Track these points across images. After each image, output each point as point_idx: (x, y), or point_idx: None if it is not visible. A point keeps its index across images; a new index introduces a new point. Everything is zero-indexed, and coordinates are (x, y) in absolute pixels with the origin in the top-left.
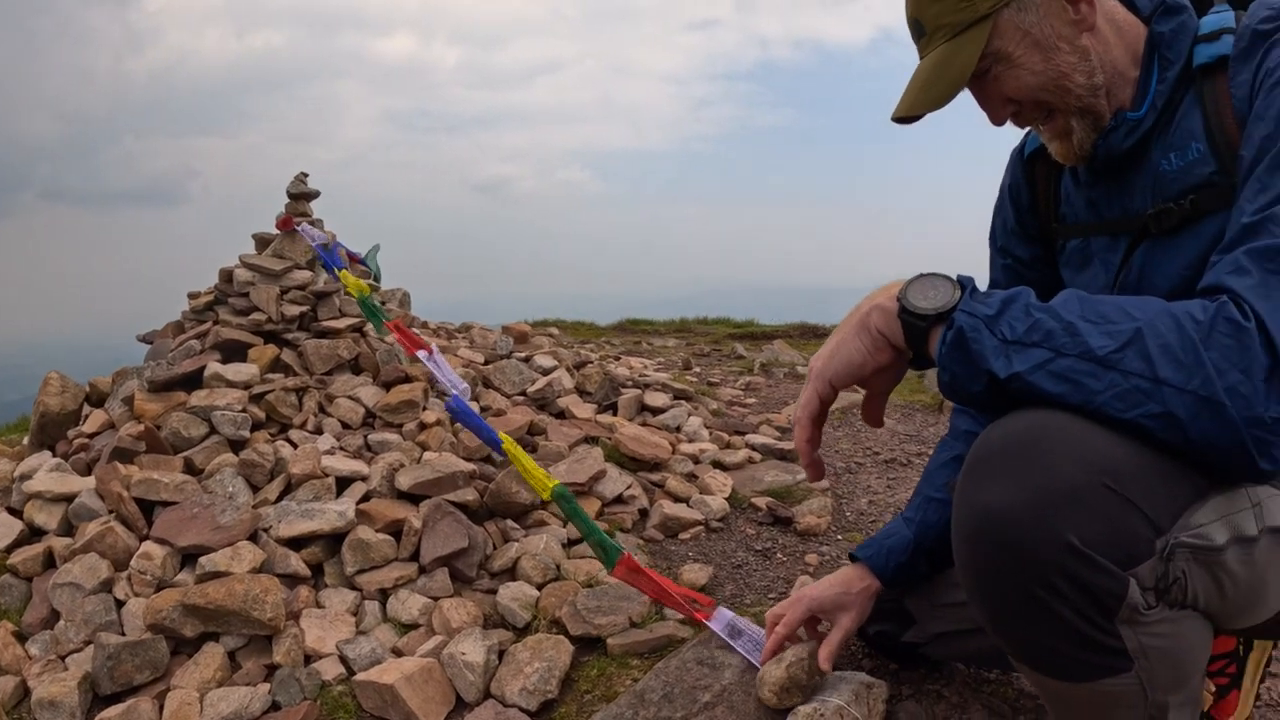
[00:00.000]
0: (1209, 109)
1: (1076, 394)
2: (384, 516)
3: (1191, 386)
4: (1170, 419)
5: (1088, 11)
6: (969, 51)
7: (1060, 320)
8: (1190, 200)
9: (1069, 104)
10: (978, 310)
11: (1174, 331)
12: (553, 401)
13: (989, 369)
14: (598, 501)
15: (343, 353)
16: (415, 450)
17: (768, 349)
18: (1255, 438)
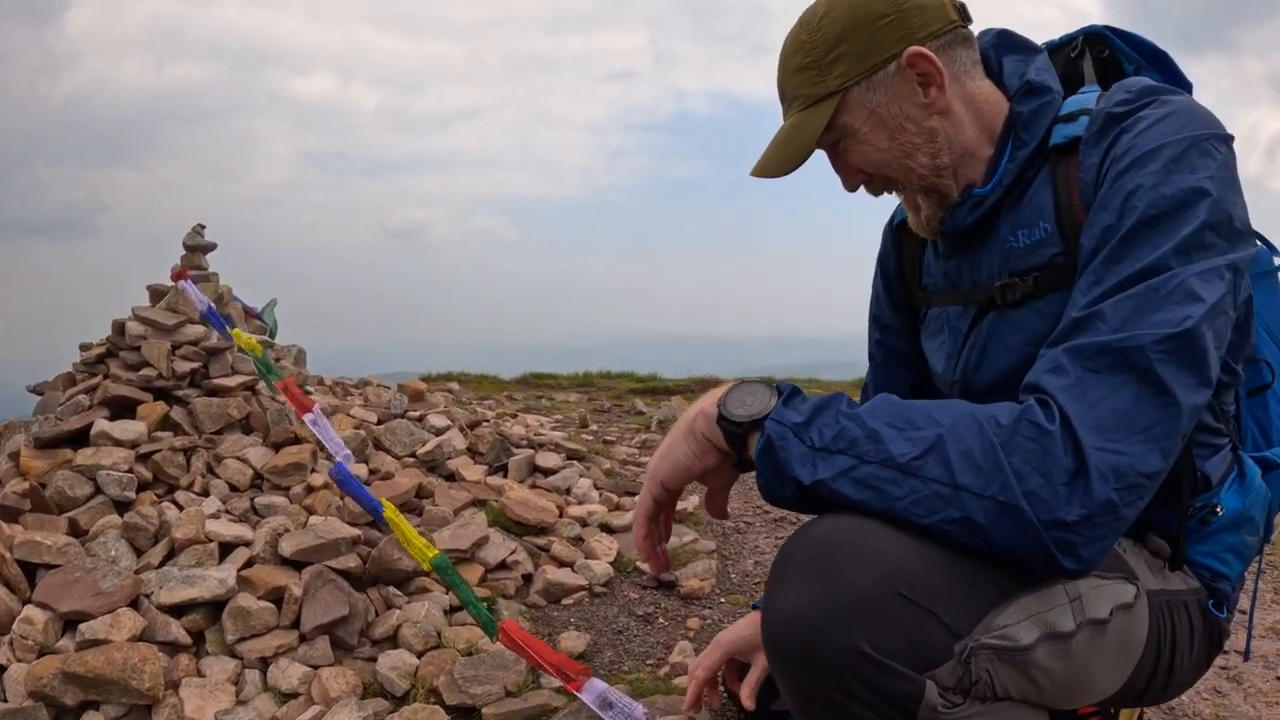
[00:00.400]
0: (1059, 189)
1: (879, 500)
2: (265, 583)
3: (990, 492)
4: (970, 523)
5: (937, 96)
6: (815, 123)
7: (865, 428)
8: (1034, 278)
9: (912, 182)
10: (787, 419)
11: (975, 437)
12: (443, 463)
13: (795, 476)
14: (481, 568)
15: (233, 412)
16: (301, 514)
17: (665, 406)
18: (1056, 539)
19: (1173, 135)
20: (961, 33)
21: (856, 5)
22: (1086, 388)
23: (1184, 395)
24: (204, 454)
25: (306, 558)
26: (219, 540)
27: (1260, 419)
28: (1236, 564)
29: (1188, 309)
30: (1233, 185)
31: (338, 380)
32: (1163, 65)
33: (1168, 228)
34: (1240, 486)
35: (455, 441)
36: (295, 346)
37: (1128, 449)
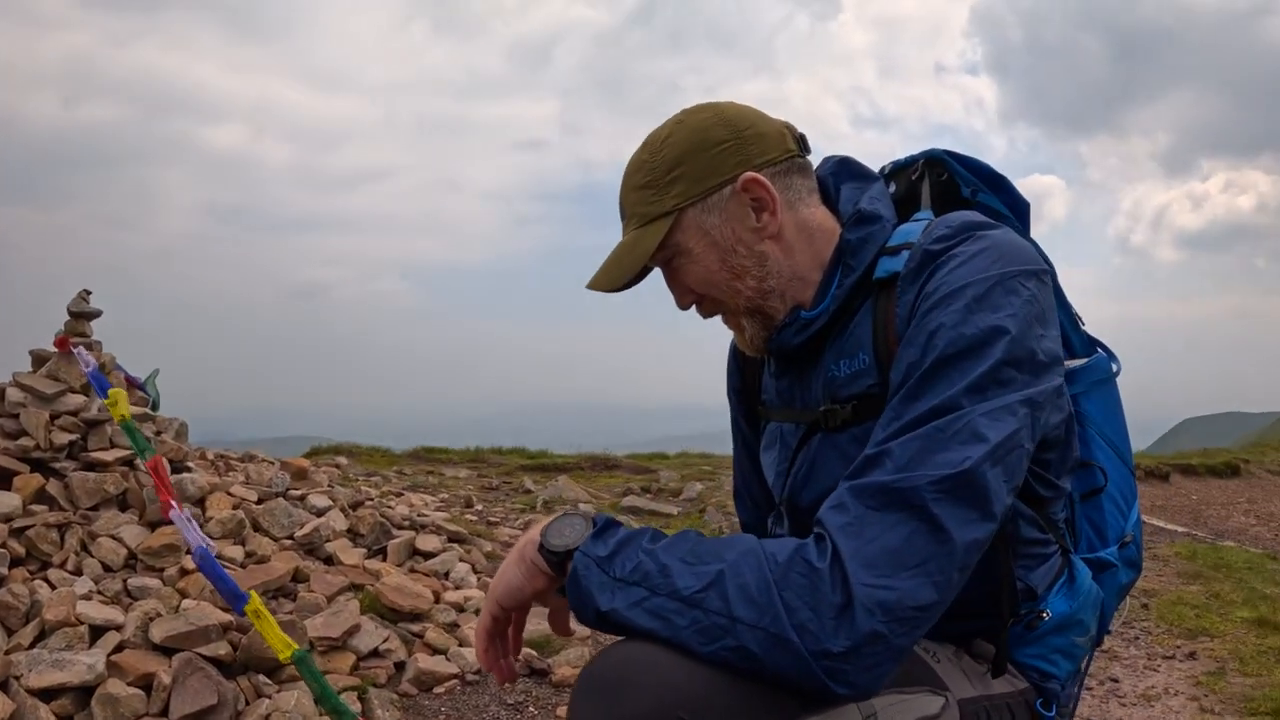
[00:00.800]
0: (878, 322)
1: (666, 629)
2: (135, 669)
3: (763, 624)
4: (746, 652)
5: (769, 221)
6: (649, 241)
7: (658, 562)
8: (853, 406)
9: (739, 304)
10: (594, 551)
11: (753, 572)
12: (321, 546)
13: (595, 604)
14: (353, 656)
15: (109, 487)
16: (174, 597)
17: (552, 485)
18: (826, 668)
19: (981, 273)
20: (798, 162)
21: (697, 130)
22: (863, 525)
23: (960, 532)
24: (79, 530)
25: (177, 644)
26: (90, 623)
27: (1095, 520)
28: (1065, 664)
29: (969, 450)
30: (1041, 319)
31: (221, 454)
32: (1000, 188)
33: (964, 366)
34: (1069, 590)
35: (335, 523)
36: (177, 420)
37: (897, 584)
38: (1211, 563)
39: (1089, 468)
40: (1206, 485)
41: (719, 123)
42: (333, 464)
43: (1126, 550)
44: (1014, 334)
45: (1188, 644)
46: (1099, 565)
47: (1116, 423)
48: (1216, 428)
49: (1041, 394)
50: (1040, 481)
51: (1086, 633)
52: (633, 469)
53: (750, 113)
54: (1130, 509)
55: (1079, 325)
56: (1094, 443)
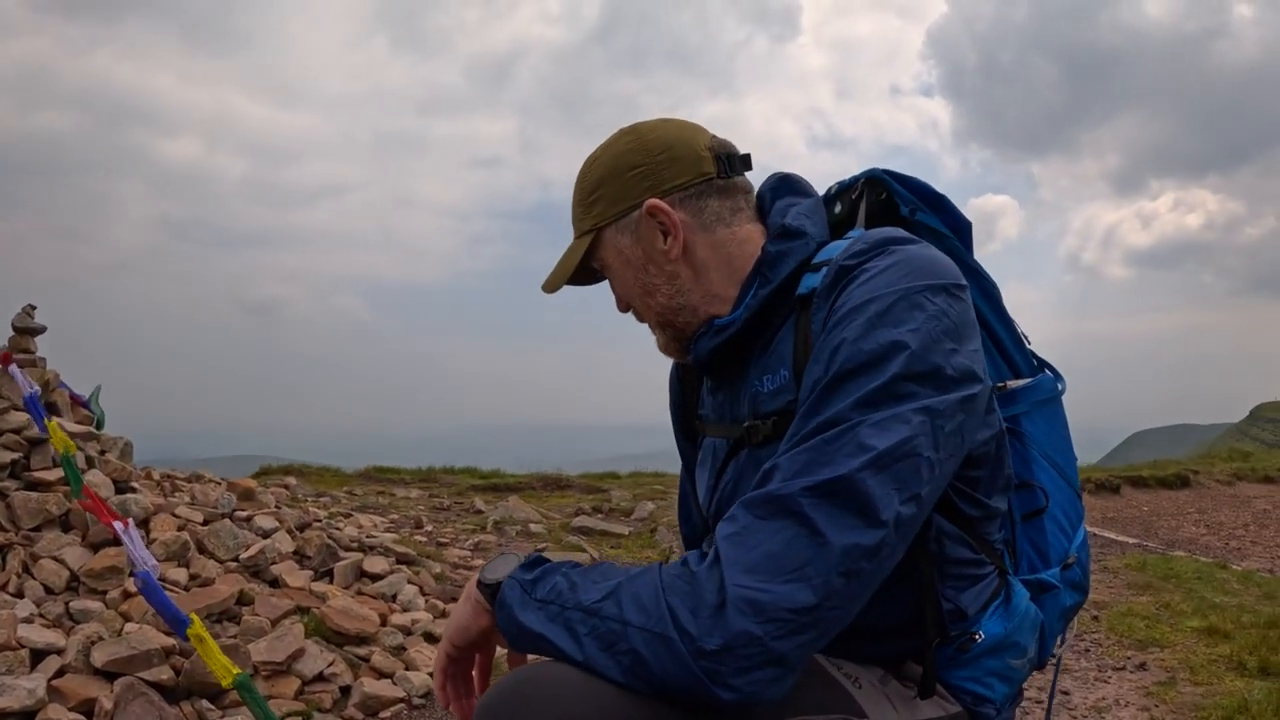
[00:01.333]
0: (798, 338)
1: (569, 637)
2: (76, 694)
3: (649, 626)
4: (637, 655)
5: (673, 244)
6: (574, 256)
7: (570, 581)
8: (772, 422)
9: (651, 317)
10: (521, 578)
11: (647, 584)
12: (266, 568)
13: (519, 621)
14: (298, 680)
15: (52, 508)
16: (116, 621)
17: (502, 505)
18: (704, 669)
19: (887, 288)
20: (716, 184)
21: (618, 154)
22: (747, 534)
23: (838, 536)
24: (20, 552)
25: (119, 668)
26: (31, 646)
27: (1036, 542)
28: (1001, 687)
29: (852, 459)
30: (951, 333)
31: (167, 474)
32: (939, 207)
33: (860, 380)
34: (1004, 612)
35: (281, 545)
36: (122, 439)
37: (772, 587)
38: (1162, 573)
39: (1030, 488)
40: (1157, 496)
41: (637, 148)
42: (281, 484)
43: (1070, 572)
44: (914, 349)
45: (1138, 655)
46: (1040, 587)
47: (1060, 443)
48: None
49: (945, 404)
50: (968, 500)
51: (1024, 655)
52: (584, 488)
53: (672, 135)
54: (1075, 530)
55: (1024, 344)
56: (1036, 463)
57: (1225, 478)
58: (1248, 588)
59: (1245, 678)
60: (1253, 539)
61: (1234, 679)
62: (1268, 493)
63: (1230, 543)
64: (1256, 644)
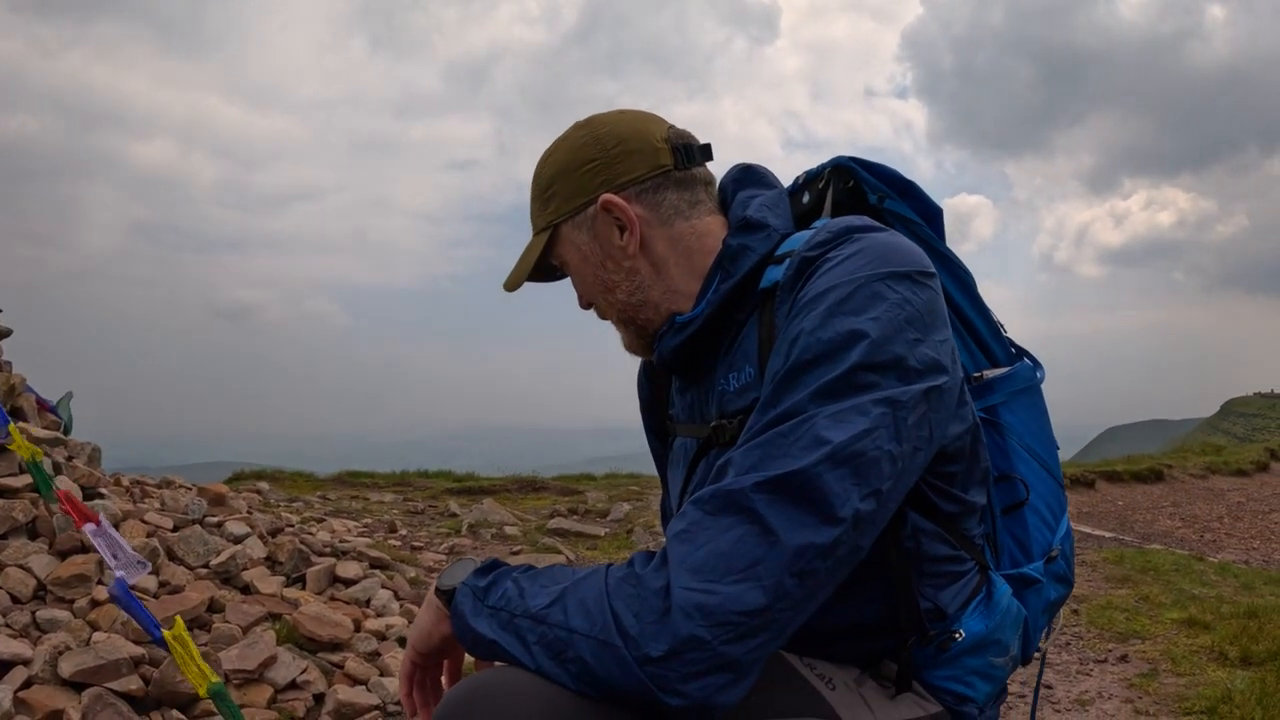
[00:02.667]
0: (763, 333)
1: (519, 645)
2: (44, 706)
3: (594, 633)
4: (583, 663)
5: (630, 240)
6: (532, 253)
7: (519, 586)
8: (738, 420)
9: (612, 314)
10: (474, 584)
11: (592, 588)
12: (237, 574)
13: (473, 629)
14: (270, 688)
15: (18, 515)
16: (84, 630)
17: (477, 508)
18: (650, 675)
19: (847, 276)
20: (674, 176)
21: (572, 149)
22: (696, 531)
23: (790, 535)
24: None
25: (86, 679)
26: None
27: (1018, 535)
28: (983, 685)
29: (807, 454)
30: (915, 322)
31: (136, 479)
32: (908, 194)
33: (817, 372)
34: (985, 609)
35: (253, 550)
36: (90, 445)
37: (720, 588)
38: (1139, 566)
39: (1009, 480)
40: (1131, 491)
41: (590, 142)
42: (253, 489)
43: (1054, 565)
44: (874, 338)
45: (1119, 647)
46: (1023, 581)
47: (1041, 433)
48: (1140, 435)
49: (907, 394)
50: (945, 496)
51: (1006, 653)
52: (560, 490)
53: (626, 128)
54: (1058, 522)
55: (1000, 333)
56: (1015, 454)
57: (1199, 471)
58: (1225, 579)
59: (1227, 667)
60: (1227, 531)
61: (1216, 669)
62: (1241, 485)
63: (1205, 535)
64: (1237, 634)
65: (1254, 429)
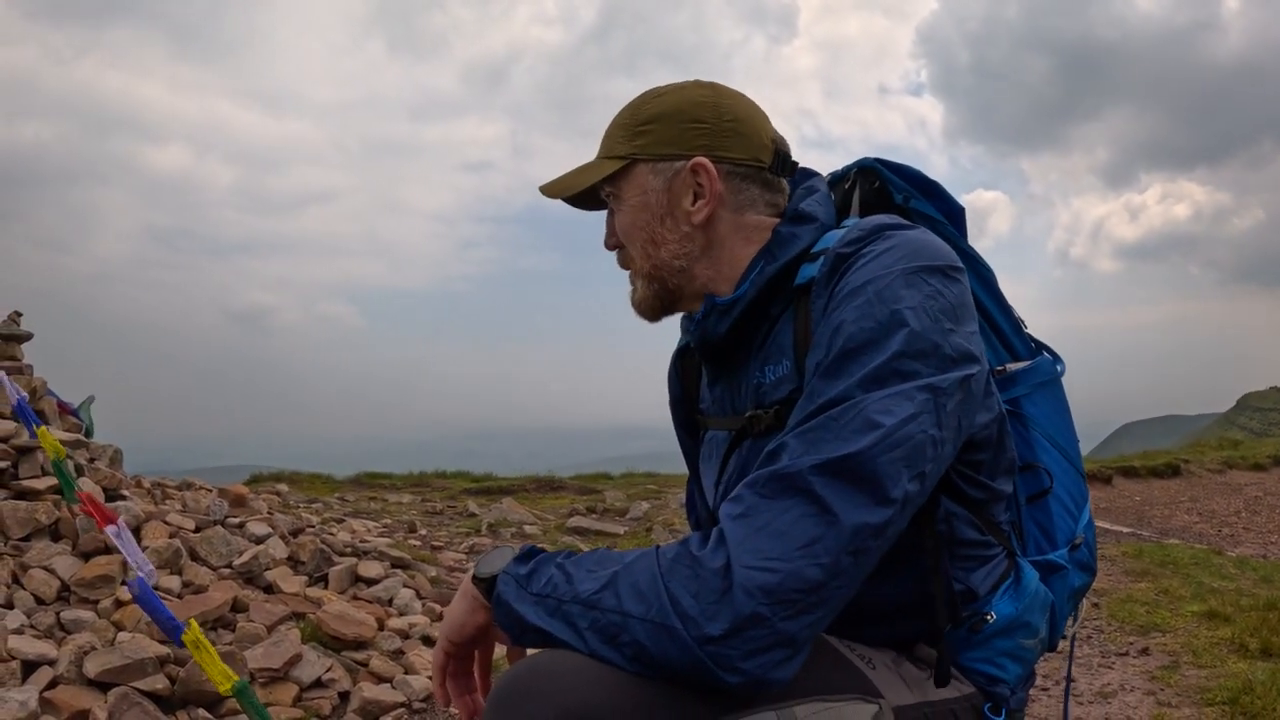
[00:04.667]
0: (798, 327)
1: (572, 632)
2: (69, 706)
3: (650, 616)
4: (639, 647)
5: (700, 208)
6: (595, 173)
7: (565, 573)
8: (775, 411)
9: (642, 266)
10: (515, 571)
11: (644, 571)
12: (260, 574)
13: (519, 617)
14: (295, 687)
15: (41, 517)
16: (109, 630)
17: (496, 508)
18: (710, 654)
19: (885, 269)
20: (765, 175)
21: (687, 100)
22: (754, 513)
23: (847, 514)
24: (9, 562)
25: (112, 679)
26: (22, 658)
27: (1042, 523)
28: (1014, 667)
29: (861, 437)
30: (949, 313)
31: (157, 481)
32: (933, 194)
33: (862, 359)
34: (1015, 592)
35: (275, 550)
36: (111, 447)
37: (780, 566)
38: (1158, 560)
39: (1033, 470)
40: (1149, 486)
41: (709, 104)
42: (273, 491)
43: (1077, 553)
44: (914, 327)
45: (1140, 640)
46: (1048, 568)
47: (1062, 424)
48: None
49: (946, 382)
50: (971, 483)
51: (1035, 635)
52: (578, 490)
53: (743, 110)
54: (1080, 511)
55: (1021, 328)
56: (1038, 445)
57: (1216, 466)
58: (1244, 572)
59: (1248, 659)
60: (1245, 525)
61: (1236, 661)
62: (1258, 480)
63: (1223, 530)
64: (1257, 626)
65: (1270, 424)
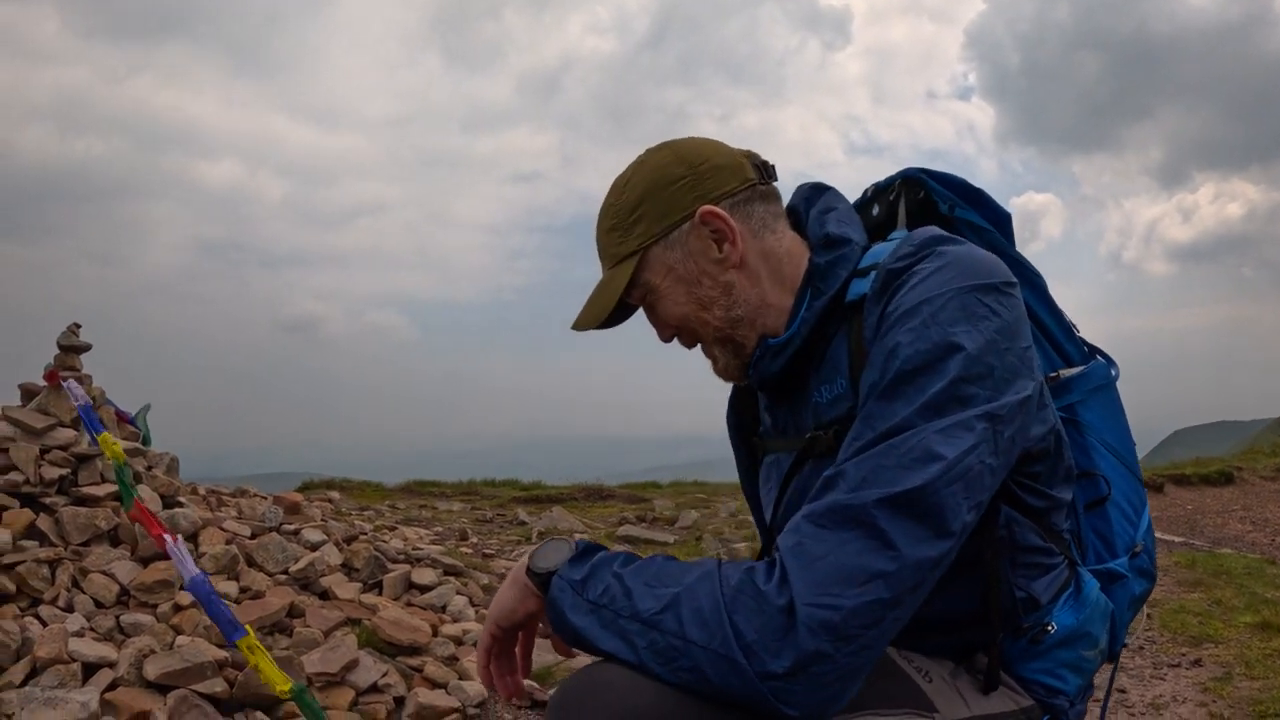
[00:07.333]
0: (852, 345)
1: (628, 650)
2: (129, 708)
3: (713, 646)
4: (700, 673)
5: (730, 251)
6: (619, 281)
7: (623, 585)
8: (834, 431)
9: (709, 334)
10: (570, 575)
11: (707, 596)
12: (316, 580)
13: (571, 624)
14: (352, 691)
15: (100, 523)
16: (168, 634)
17: (547, 516)
18: (773, 689)
19: (938, 290)
20: (759, 189)
21: (656, 169)
22: (812, 545)
23: (910, 549)
24: (70, 566)
25: (172, 681)
26: (82, 660)
27: (1102, 531)
28: (1074, 679)
29: (923, 469)
30: (1005, 332)
31: (212, 489)
32: (978, 202)
33: (920, 384)
34: (1075, 603)
35: (330, 557)
36: (168, 455)
37: (843, 603)
38: (1211, 570)
39: (1091, 477)
40: (1201, 494)
41: (675, 161)
42: (325, 498)
43: (1138, 560)
44: (970, 350)
45: (1193, 651)
46: (1109, 576)
47: (1119, 429)
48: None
49: (1004, 408)
50: (1031, 492)
51: (1096, 646)
52: (627, 498)
53: (707, 148)
54: (1140, 517)
55: (1073, 333)
56: (1095, 450)
57: (1270, 474)
58: None
59: None
60: None
61: None
62: None
63: (1277, 539)
64: None
65: None
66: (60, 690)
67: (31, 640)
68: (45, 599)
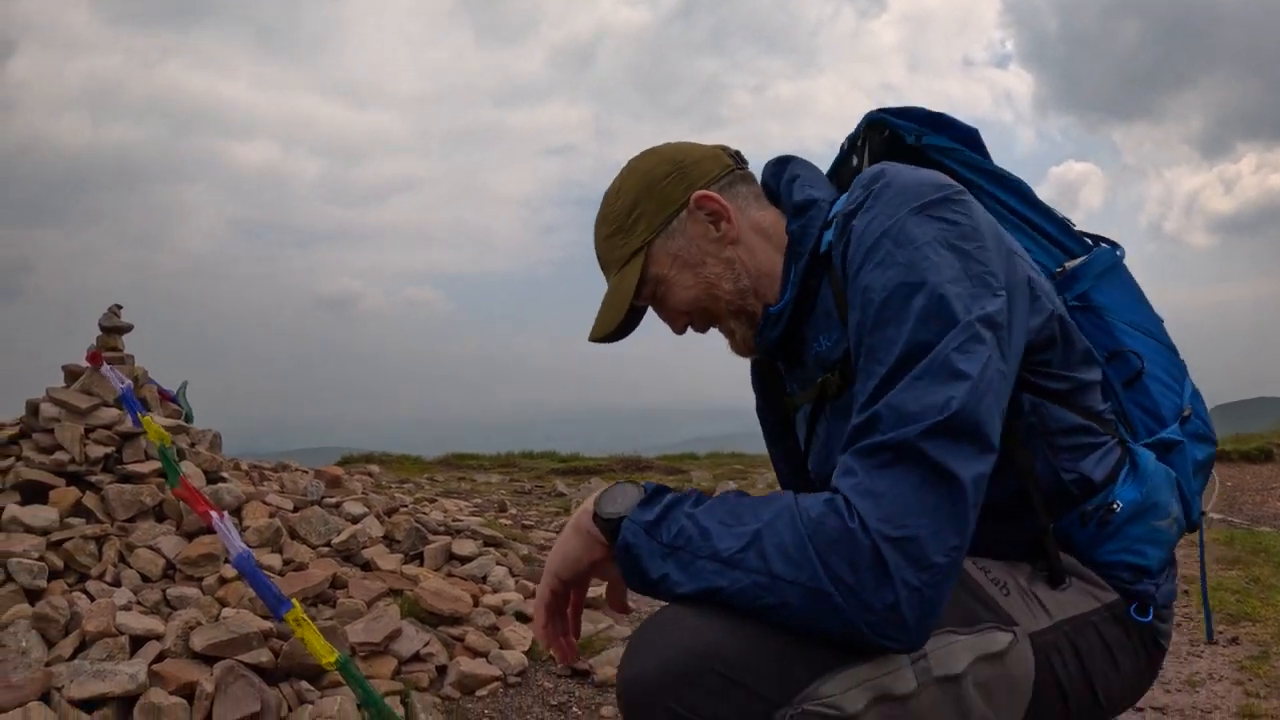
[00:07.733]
0: (835, 290)
1: (709, 590)
2: (177, 678)
3: (801, 580)
4: (789, 608)
5: (728, 229)
6: (628, 282)
7: (699, 525)
8: (839, 371)
9: (723, 309)
10: (642, 518)
11: (789, 531)
12: (358, 552)
13: (645, 568)
14: (395, 660)
15: (145, 499)
16: (214, 606)
17: (585, 488)
18: (870, 623)
19: (889, 218)
20: (739, 173)
21: (643, 173)
22: (873, 483)
23: (964, 470)
24: (116, 542)
25: (218, 652)
26: (130, 633)
27: (1144, 404)
28: (1154, 552)
29: (951, 389)
30: (967, 237)
31: (254, 464)
32: (942, 125)
33: (903, 308)
34: (1135, 478)
35: (371, 529)
36: (210, 431)
37: (917, 533)
38: (1250, 548)
39: (1121, 355)
40: (1240, 471)
41: (659, 161)
42: (365, 472)
43: (1190, 424)
44: (936, 260)
45: (1230, 629)
46: (1164, 446)
47: (1138, 306)
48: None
49: (999, 312)
50: (1050, 378)
51: (1168, 514)
52: (665, 469)
53: (685, 146)
54: (1181, 384)
55: (1070, 228)
56: (1119, 330)
57: None
58: None
59: None
60: None
61: None
62: None
63: None
64: None
65: None
66: (109, 663)
67: (80, 615)
68: (93, 574)
